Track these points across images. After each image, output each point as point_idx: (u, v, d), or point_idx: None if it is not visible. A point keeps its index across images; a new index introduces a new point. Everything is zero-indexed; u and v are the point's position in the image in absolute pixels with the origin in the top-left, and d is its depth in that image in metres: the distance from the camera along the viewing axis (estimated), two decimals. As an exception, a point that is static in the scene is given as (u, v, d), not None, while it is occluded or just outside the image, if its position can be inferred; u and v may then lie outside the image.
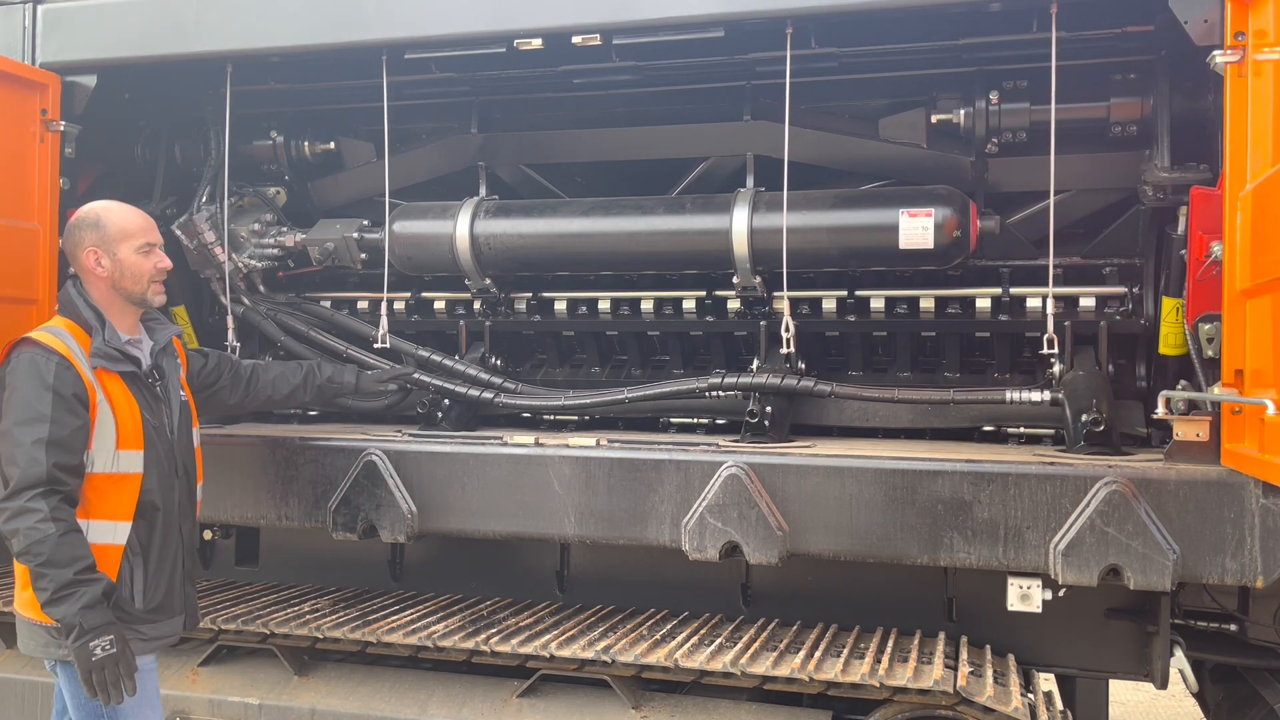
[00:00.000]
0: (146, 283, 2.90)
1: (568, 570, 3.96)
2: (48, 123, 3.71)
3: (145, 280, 2.90)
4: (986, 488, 2.98)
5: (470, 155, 4.12)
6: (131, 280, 2.88)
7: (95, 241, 2.87)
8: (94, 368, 2.76)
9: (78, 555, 2.61)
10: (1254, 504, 2.78)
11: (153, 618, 2.85)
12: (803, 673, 3.06)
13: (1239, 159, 2.65)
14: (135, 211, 3.00)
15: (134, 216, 2.96)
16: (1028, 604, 3.23)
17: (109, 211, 2.93)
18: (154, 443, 2.84)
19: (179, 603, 2.95)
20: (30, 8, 3.82)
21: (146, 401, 2.86)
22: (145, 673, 2.84)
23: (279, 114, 4.29)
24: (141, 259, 2.89)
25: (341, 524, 3.50)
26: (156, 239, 2.97)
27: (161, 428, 2.89)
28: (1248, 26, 2.66)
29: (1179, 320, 3.12)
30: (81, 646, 2.58)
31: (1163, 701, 6.38)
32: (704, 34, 3.28)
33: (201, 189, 4.20)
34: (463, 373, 3.92)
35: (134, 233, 2.90)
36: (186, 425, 3.02)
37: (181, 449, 2.97)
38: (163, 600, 2.87)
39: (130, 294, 2.89)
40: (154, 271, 2.92)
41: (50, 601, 2.60)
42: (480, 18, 3.42)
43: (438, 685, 3.56)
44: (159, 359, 2.97)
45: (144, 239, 2.91)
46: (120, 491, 2.76)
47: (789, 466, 3.15)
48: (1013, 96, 3.52)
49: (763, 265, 3.58)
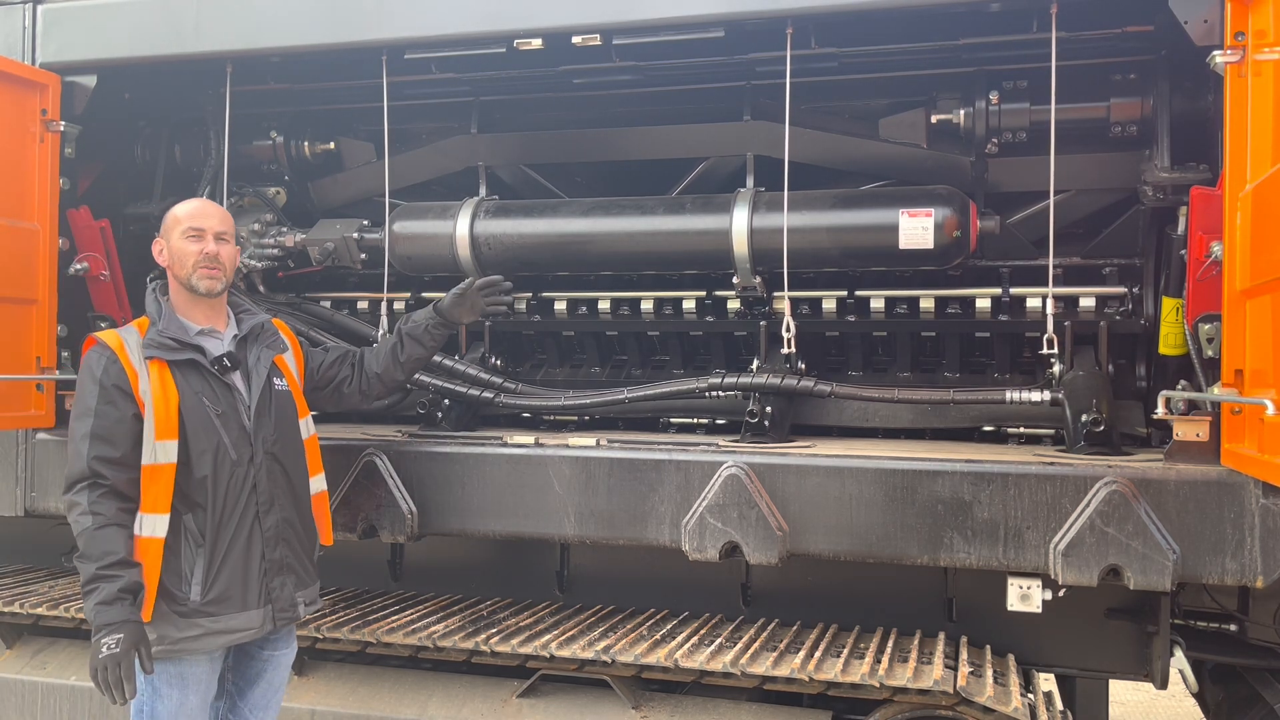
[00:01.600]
0: (191, 267, 2.87)
1: (568, 570, 3.96)
2: (48, 123, 3.71)
3: (190, 264, 2.87)
4: (986, 488, 2.98)
5: (470, 155, 4.12)
6: (179, 265, 2.90)
7: (162, 232, 2.96)
8: (147, 358, 2.78)
9: (107, 550, 2.62)
10: (1254, 504, 2.78)
11: (213, 610, 2.76)
12: (803, 673, 3.07)
13: (1239, 159, 2.65)
14: (199, 201, 3.06)
15: (191, 205, 3.00)
16: (1028, 604, 3.22)
17: (177, 204, 3.00)
18: (212, 430, 2.79)
19: (255, 596, 2.82)
20: (30, 8, 3.82)
21: (211, 389, 2.83)
22: (192, 682, 2.79)
23: (279, 114, 4.29)
24: (187, 244, 2.88)
25: (341, 524, 3.50)
26: (207, 225, 2.91)
27: (229, 414, 2.83)
28: (1248, 26, 2.65)
29: (1179, 320, 3.11)
30: (94, 642, 2.58)
31: (1163, 701, 6.38)
32: (704, 34, 3.28)
33: (201, 189, 4.19)
34: (463, 373, 3.92)
35: (182, 218, 2.92)
36: (280, 414, 2.94)
37: (269, 437, 2.89)
38: (224, 592, 2.77)
39: (181, 279, 2.90)
40: (199, 256, 2.87)
41: (83, 595, 2.65)
42: (480, 18, 3.42)
43: (438, 685, 3.57)
44: (245, 347, 2.95)
45: (190, 223, 2.90)
46: (159, 482, 2.75)
47: (789, 466, 3.15)
48: (1013, 96, 3.52)
49: (763, 265, 3.58)
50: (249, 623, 2.83)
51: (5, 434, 3.84)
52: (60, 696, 3.80)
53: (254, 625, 2.85)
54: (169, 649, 2.73)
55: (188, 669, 2.78)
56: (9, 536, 4.59)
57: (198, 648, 2.76)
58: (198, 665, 2.79)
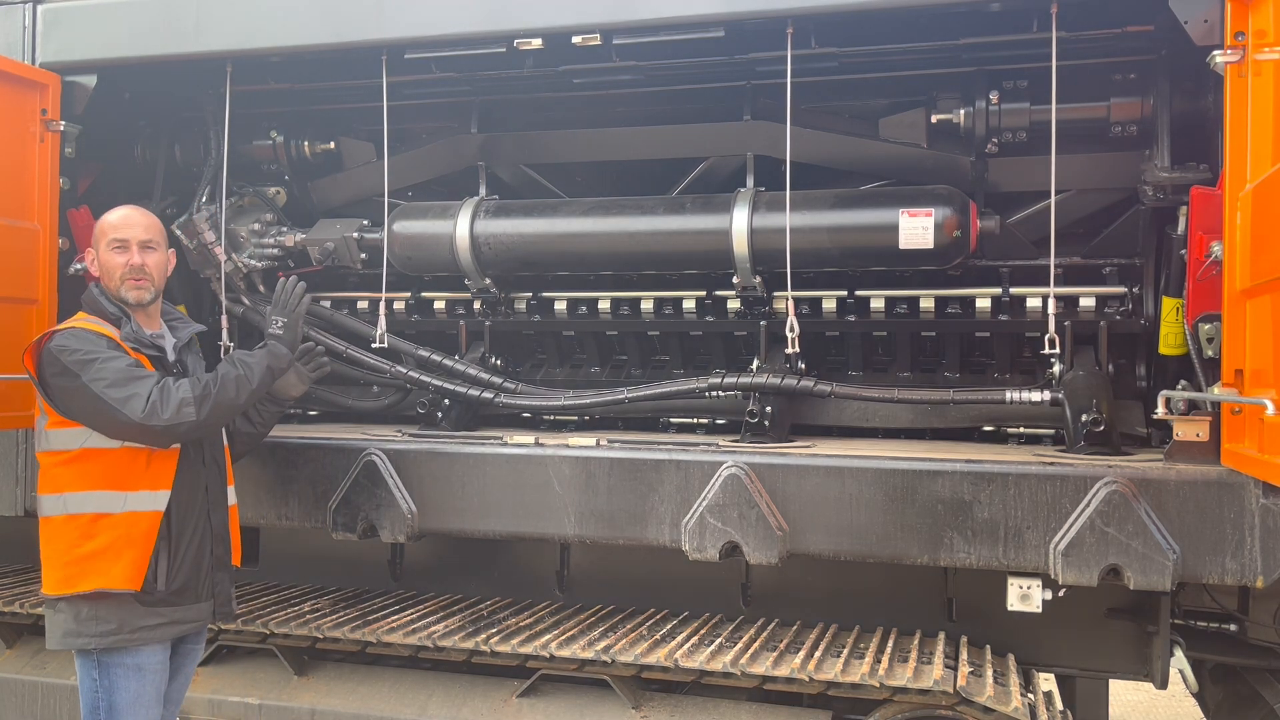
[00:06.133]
0: (119, 279, 2.93)
1: (568, 570, 3.96)
2: (48, 123, 3.71)
3: (117, 276, 2.93)
4: (986, 488, 2.98)
5: (470, 155, 4.12)
6: (107, 277, 2.95)
7: (92, 242, 2.99)
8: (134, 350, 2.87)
9: (219, 375, 2.85)
10: (1254, 504, 2.78)
11: (175, 600, 2.89)
12: (803, 673, 3.07)
13: (1239, 159, 2.65)
14: (124, 210, 3.05)
15: (117, 214, 3.01)
16: (1028, 604, 3.22)
17: (107, 212, 3.03)
18: None
19: (205, 589, 2.98)
20: (30, 8, 3.82)
21: None
22: (149, 672, 2.87)
23: (279, 114, 4.29)
24: (112, 255, 2.94)
25: (341, 524, 3.50)
26: (131, 235, 2.95)
27: None
28: (1248, 26, 2.65)
29: (1179, 320, 3.11)
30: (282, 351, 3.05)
31: (1163, 701, 6.38)
32: (704, 34, 3.28)
33: (201, 189, 4.20)
34: (463, 373, 3.92)
35: (107, 230, 2.97)
36: None
37: (212, 442, 3.05)
38: (185, 584, 2.90)
39: (108, 290, 2.95)
40: (124, 269, 2.92)
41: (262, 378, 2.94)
42: (480, 18, 3.42)
43: (438, 685, 3.57)
44: (182, 354, 3.05)
45: (114, 235, 2.95)
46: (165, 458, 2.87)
47: (789, 466, 3.15)
48: (1013, 96, 3.52)
49: (763, 265, 3.57)
50: (200, 615, 2.98)
51: (5, 434, 3.85)
52: (60, 696, 3.80)
53: (203, 617, 3.01)
54: (128, 638, 2.82)
55: (144, 659, 2.86)
56: (9, 536, 4.59)
57: (155, 637, 2.86)
58: (153, 655, 2.89)
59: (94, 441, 2.82)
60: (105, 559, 2.79)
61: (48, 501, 2.86)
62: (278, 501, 3.63)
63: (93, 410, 2.75)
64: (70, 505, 2.82)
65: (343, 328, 4.18)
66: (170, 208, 4.30)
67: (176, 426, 2.74)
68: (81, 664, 2.86)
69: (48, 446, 2.89)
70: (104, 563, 2.79)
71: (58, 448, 2.86)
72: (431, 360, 4.00)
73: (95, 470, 2.81)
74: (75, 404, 2.78)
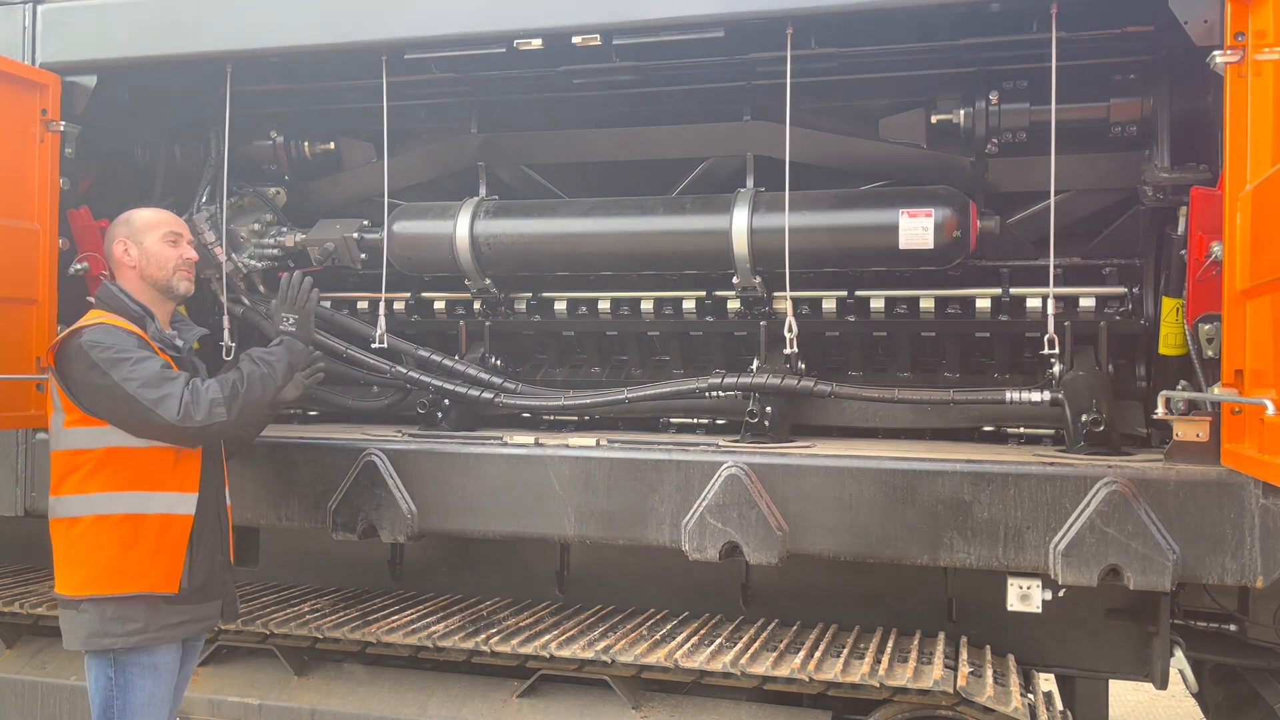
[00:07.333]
0: (172, 269, 3.03)
1: (568, 570, 3.96)
2: (48, 123, 3.70)
3: (170, 267, 3.02)
4: (986, 488, 2.98)
5: (470, 155, 4.12)
6: (157, 267, 3.01)
7: (125, 234, 3.04)
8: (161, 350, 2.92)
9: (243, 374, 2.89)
10: (1254, 504, 2.78)
11: (197, 598, 2.93)
12: (803, 673, 3.07)
13: (1239, 159, 2.65)
14: (163, 210, 3.22)
15: (161, 212, 3.18)
16: (1028, 604, 3.23)
17: (138, 210, 3.14)
18: None
19: (218, 588, 3.03)
20: (30, 8, 3.81)
21: None
22: (163, 671, 2.88)
23: (279, 114, 4.29)
24: (167, 247, 3.04)
25: (341, 524, 3.50)
26: (183, 230, 3.12)
27: None
28: (1248, 26, 2.65)
29: (1179, 320, 3.11)
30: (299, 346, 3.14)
31: (1163, 701, 6.38)
32: (704, 34, 3.28)
33: (201, 189, 4.20)
34: (463, 373, 3.92)
35: (158, 223, 3.07)
36: None
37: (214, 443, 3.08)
38: (206, 581, 2.94)
39: (157, 281, 3.01)
40: (179, 260, 3.04)
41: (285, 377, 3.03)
42: (480, 18, 3.41)
43: (438, 685, 3.57)
44: (190, 356, 3.11)
45: (170, 227, 3.07)
46: (191, 459, 2.91)
47: (789, 467, 3.15)
48: (1013, 97, 3.52)
49: (763, 265, 3.57)
50: (213, 613, 3.04)
51: (5, 434, 3.84)
52: (60, 696, 3.81)
53: (215, 615, 3.05)
54: (153, 637, 2.83)
55: (160, 658, 2.88)
56: (9, 536, 4.59)
57: (174, 635, 2.89)
58: (168, 654, 2.91)
59: (115, 440, 2.81)
60: (144, 562, 2.81)
61: (73, 502, 2.85)
62: (278, 502, 3.63)
63: (125, 411, 2.75)
64: (98, 506, 2.82)
65: (343, 328, 4.18)
66: (170, 208, 4.28)
67: (209, 427, 2.78)
68: (96, 664, 2.84)
69: (65, 445, 2.88)
70: (142, 565, 2.81)
71: (77, 446, 2.85)
72: (431, 360, 4.00)
73: (125, 472, 2.82)
74: (102, 402, 2.78)
